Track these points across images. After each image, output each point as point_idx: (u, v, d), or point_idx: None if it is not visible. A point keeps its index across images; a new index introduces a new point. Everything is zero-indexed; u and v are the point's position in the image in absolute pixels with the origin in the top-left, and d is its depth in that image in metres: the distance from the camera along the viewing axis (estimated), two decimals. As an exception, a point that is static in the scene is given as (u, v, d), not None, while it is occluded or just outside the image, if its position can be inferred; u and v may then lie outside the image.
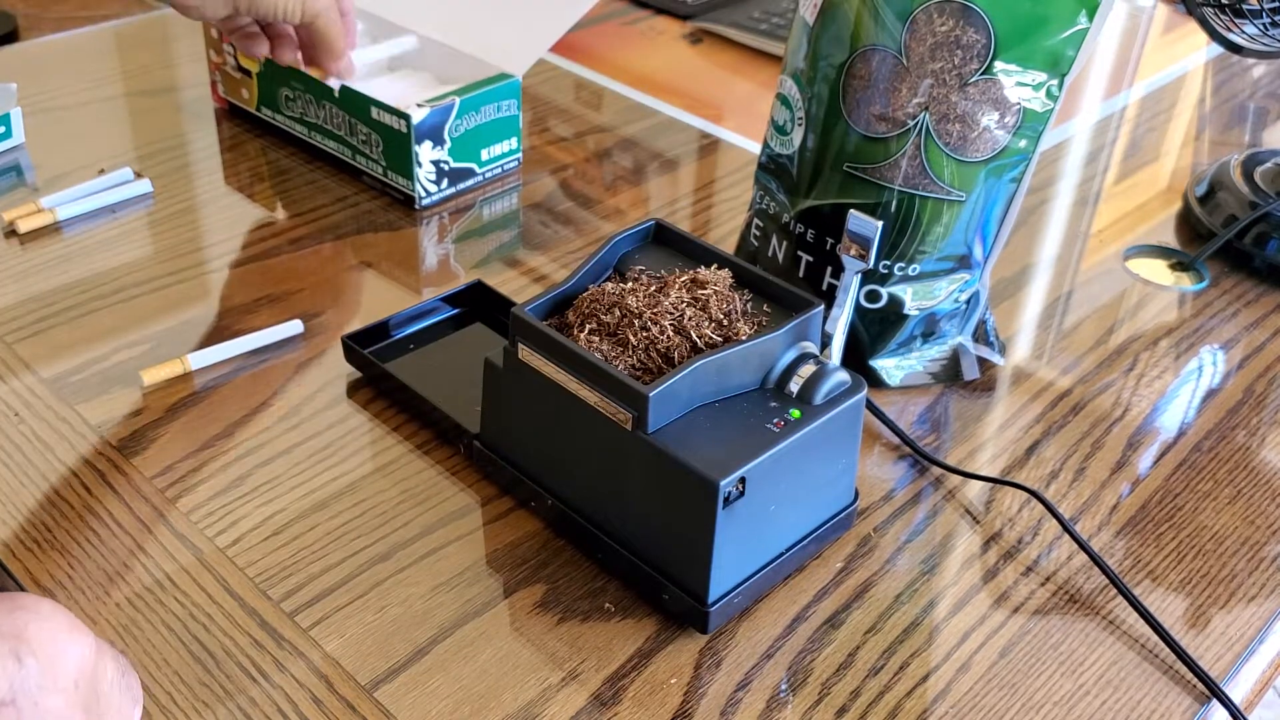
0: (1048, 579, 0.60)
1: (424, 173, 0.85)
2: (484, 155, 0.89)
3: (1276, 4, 0.75)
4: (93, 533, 0.59)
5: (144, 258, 0.80)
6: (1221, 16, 0.77)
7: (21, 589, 0.56)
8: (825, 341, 0.60)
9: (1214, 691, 0.54)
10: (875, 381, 0.72)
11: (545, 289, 0.58)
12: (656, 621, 0.56)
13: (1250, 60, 1.19)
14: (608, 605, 0.57)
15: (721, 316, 0.56)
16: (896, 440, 0.68)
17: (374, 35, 0.98)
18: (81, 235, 0.82)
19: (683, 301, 0.56)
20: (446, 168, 0.86)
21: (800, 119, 0.69)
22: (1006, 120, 0.64)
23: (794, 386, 0.56)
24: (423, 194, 0.86)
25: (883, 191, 0.66)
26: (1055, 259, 0.86)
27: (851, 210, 0.61)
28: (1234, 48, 0.79)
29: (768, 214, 0.73)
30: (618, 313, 0.56)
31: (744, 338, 0.55)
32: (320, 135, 0.90)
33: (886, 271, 0.68)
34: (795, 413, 0.55)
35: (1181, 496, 0.65)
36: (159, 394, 0.68)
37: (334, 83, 0.84)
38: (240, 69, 0.93)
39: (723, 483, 0.51)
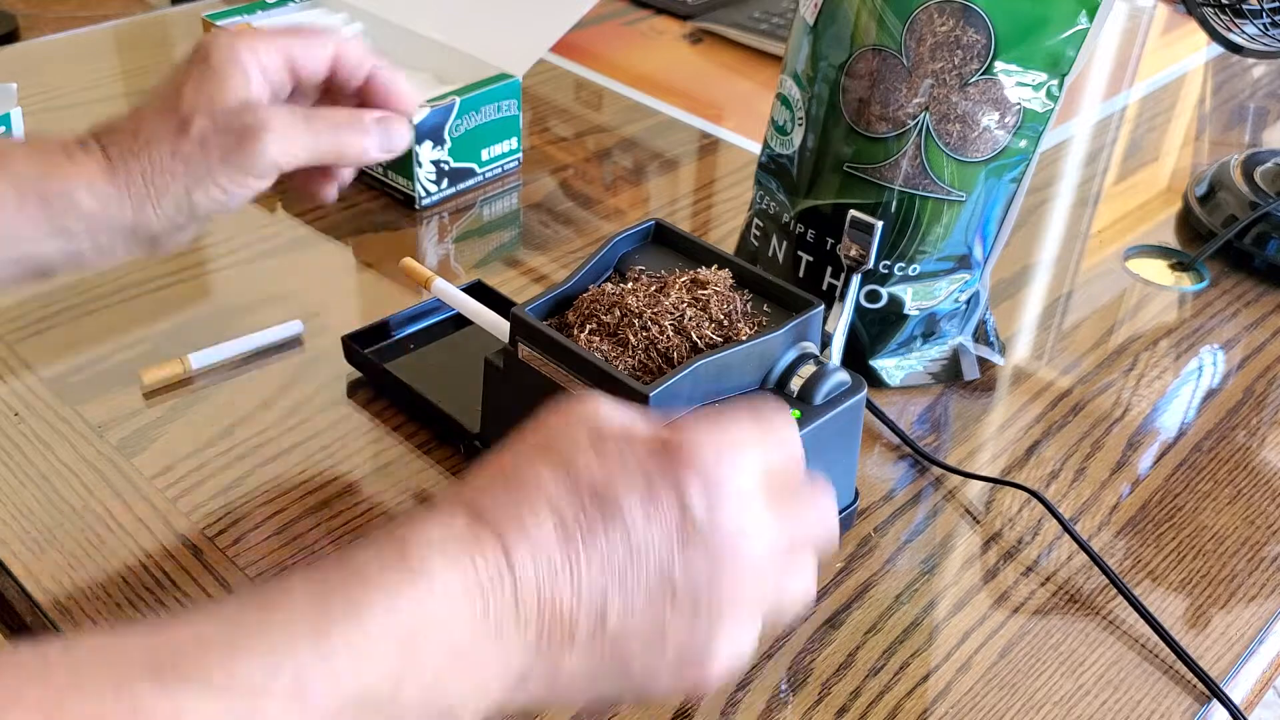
0: (1048, 579, 0.60)
1: (424, 173, 0.85)
2: (484, 155, 0.89)
3: (1276, 4, 0.75)
4: (93, 533, 0.59)
5: (144, 258, 0.80)
6: (1221, 16, 0.77)
7: (22, 589, 0.56)
8: (825, 341, 0.60)
9: (1214, 691, 0.54)
10: (875, 381, 0.72)
11: (545, 289, 0.58)
12: (656, 621, 0.56)
13: (1250, 60, 1.19)
14: (608, 605, 0.57)
15: (722, 317, 0.56)
16: (896, 440, 0.68)
17: (372, 35, 0.98)
18: (81, 235, 0.82)
19: (683, 301, 0.56)
20: (446, 168, 0.86)
21: (800, 119, 0.69)
22: (1006, 120, 0.64)
23: (794, 387, 0.56)
24: (423, 194, 0.86)
25: (883, 191, 0.66)
26: (1055, 259, 0.86)
27: (852, 211, 0.61)
28: (1234, 48, 0.79)
29: (768, 214, 0.73)
30: (618, 313, 0.56)
31: (744, 338, 0.55)
32: (320, 135, 0.90)
33: (886, 271, 0.68)
34: (795, 413, 0.55)
35: (1181, 496, 0.65)
36: (159, 394, 0.68)
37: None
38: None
39: (723, 483, 0.51)
